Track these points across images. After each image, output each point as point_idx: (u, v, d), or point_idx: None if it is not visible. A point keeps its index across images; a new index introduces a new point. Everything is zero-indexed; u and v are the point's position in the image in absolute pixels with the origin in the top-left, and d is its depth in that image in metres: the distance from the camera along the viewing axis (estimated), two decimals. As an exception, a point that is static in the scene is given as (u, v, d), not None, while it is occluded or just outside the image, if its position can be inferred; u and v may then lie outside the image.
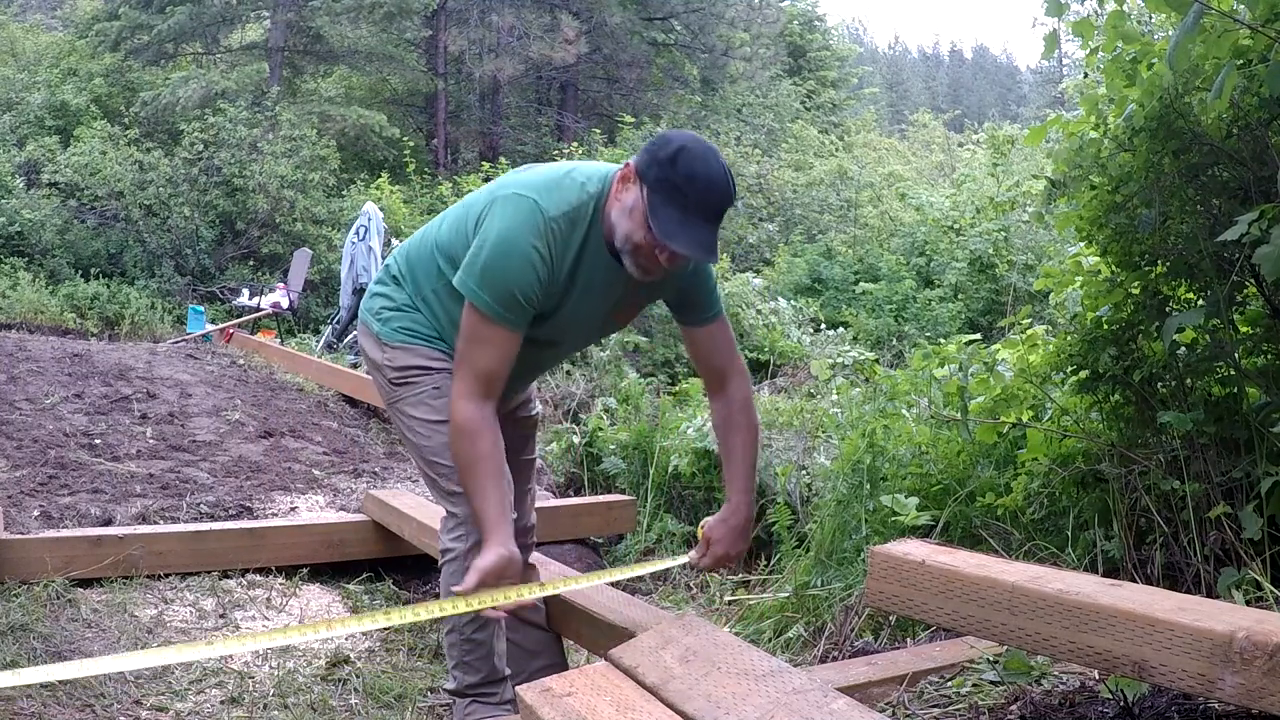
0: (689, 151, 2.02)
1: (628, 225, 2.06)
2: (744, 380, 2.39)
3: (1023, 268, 10.65)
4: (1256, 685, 1.41)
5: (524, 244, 2.06)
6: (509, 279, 2.06)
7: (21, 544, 3.15)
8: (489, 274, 2.06)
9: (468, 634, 2.33)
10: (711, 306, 2.33)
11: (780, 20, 24.48)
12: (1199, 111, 2.61)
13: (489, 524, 2.08)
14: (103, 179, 14.03)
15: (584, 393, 7.07)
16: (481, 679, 2.35)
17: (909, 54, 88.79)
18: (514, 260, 2.06)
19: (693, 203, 1.99)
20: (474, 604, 2.02)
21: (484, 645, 2.33)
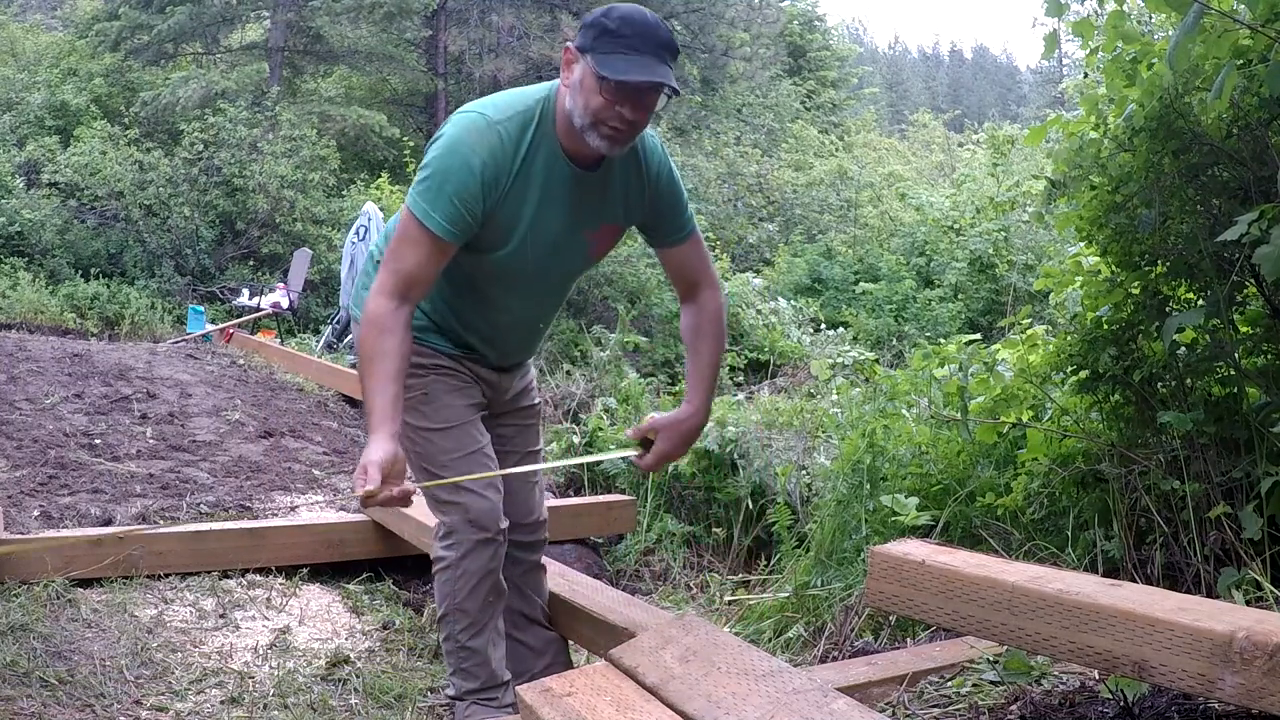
0: (616, 6, 2.02)
1: (582, 98, 2.00)
2: (716, 292, 2.36)
3: (1023, 268, 10.65)
4: (1256, 685, 1.41)
5: (464, 149, 2.02)
6: (446, 184, 2.01)
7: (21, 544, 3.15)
8: (428, 180, 2.03)
9: (463, 641, 2.33)
10: (685, 225, 2.30)
11: (780, 20, 24.47)
12: (1199, 111, 2.61)
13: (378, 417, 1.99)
14: (103, 179, 14.03)
15: (584, 393, 7.07)
16: (480, 685, 2.34)
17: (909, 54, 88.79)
18: (454, 164, 2.01)
19: (635, 41, 1.97)
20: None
21: (479, 653, 2.33)
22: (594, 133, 2.01)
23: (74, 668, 2.60)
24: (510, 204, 2.07)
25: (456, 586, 2.30)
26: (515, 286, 2.22)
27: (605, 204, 2.19)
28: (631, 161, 2.18)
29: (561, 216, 2.14)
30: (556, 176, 2.10)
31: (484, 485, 2.27)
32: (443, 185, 2.01)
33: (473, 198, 2.02)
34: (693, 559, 4.53)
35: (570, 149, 2.09)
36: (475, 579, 2.30)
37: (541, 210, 2.11)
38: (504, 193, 2.05)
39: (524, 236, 2.12)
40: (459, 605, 2.31)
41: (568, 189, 2.12)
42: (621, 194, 2.20)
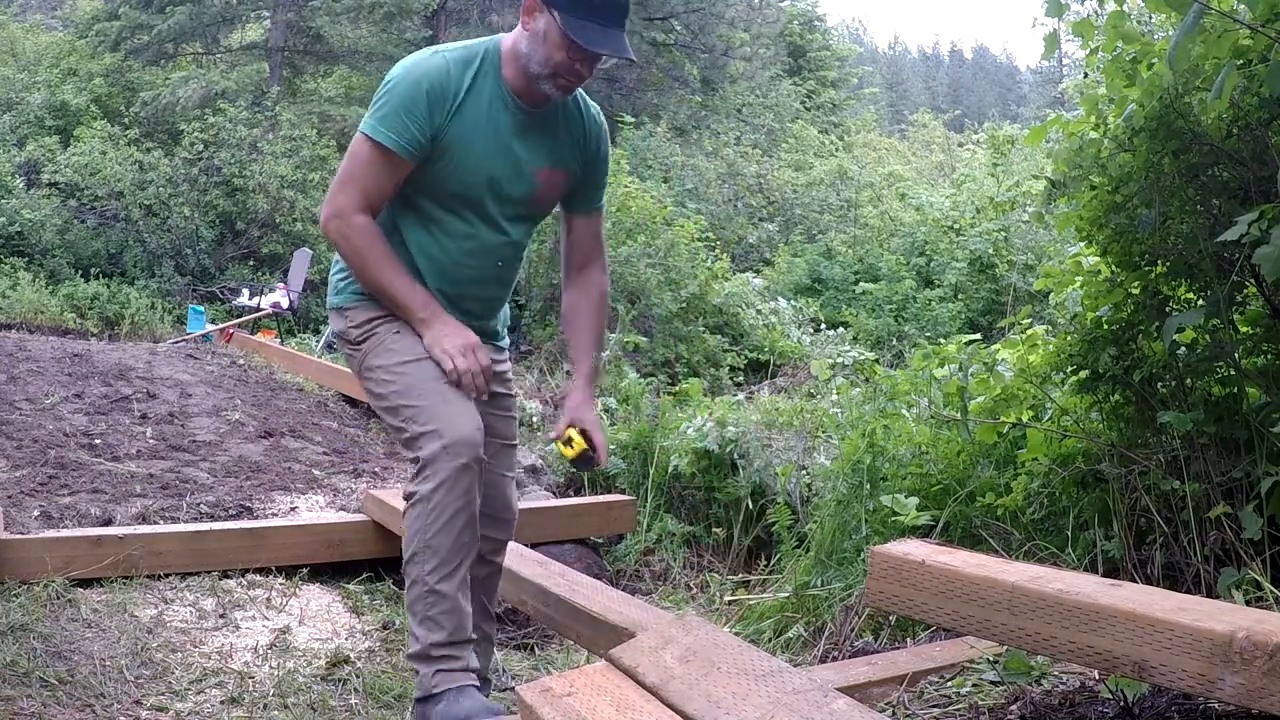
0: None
1: (544, 50, 2.16)
2: (604, 273, 2.48)
3: (1023, 268, 10.66)
4: (1256, 685, 1.41)
5: (411, 73, 2.17)
6: (395, 102, 2.14)
7: (21, 544, 3.15)
8: (379, 104, 2.16)
9: (431, 583, 2.13)
10: (600, 197, 2.45)
11: (780, 20, 24.47)
12: (1199, 111, 2.61)
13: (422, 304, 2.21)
14: (103, 179, 14.03)
15: (584, 393, 7.05)
16: (446, 637, 2.14)
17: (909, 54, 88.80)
18: (400, 86, 2.15)
19: (601, 10, 2.13)
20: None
21: (449, 598, 2.14)
22: (550, 82, 2.18)
23: (74, 668, 2.60)
24: (457, 127, 2.19)
25: (429, 520, 2.12)
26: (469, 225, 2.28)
27: (553, 147, 2.31)
28: (578, 119, 2.35)
29: (508, 145, 2.25)
30: (501, 107, 2.23)
31: (461, 410, 2.17)
32: (390, 103, 2.15)
33: (420, 114, 2.14)
34: (693, 559, 4.53)
35: (515, 88, 2.23)
36: (450, 512, 2.12)
37: (488, 135, 2.22)
38: (449, 113, 2.17)
39: (475, 164, 2.22)
40: (429, 541, 2.12)
41: (513, 121, 2.24)
42: (568, 143, 2.33)
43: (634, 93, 20.86)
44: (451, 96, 2.18)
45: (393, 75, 2.19)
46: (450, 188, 2.25)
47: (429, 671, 2.15)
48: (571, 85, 2.21)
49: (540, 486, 4.99)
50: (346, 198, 2.18)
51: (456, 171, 2.23)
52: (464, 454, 2.12)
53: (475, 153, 2.22)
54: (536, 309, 8.92)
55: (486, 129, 2.22)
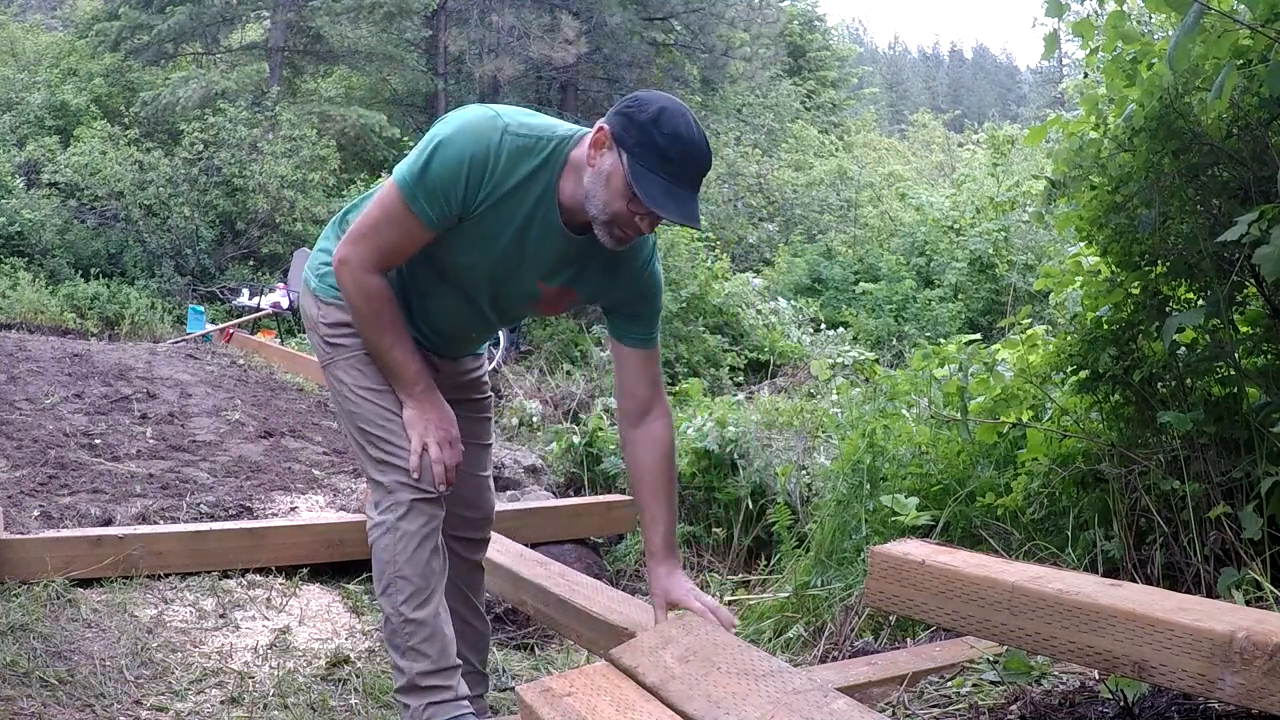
0: (669, 114, 1.92)
1: (605, 194, 1.94)
2: (668, 418, 2.23)
3: (1023, 268, 10.66)
4: (1256, 685, 1.41)
5: (463, 141, 1.95)
6: (438, 171, 1.96)
7: (21, 544, 3.15)
8: (421, 161, 1.97)
9: (406, 614, 2.08)
10: (654, 327, 2.21)
11: (780, 20, 24.47)
12: (1199, 111, 2.61)
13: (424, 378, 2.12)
14: (103, 179, 14.04)
15: (584, 393, 7.07)
16: (431, 665, 2.09)
17: (909, 54, 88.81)
18: (451, 155, 1.95)
19: (677, 168, 1.92)
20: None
21: (426, 624, 2.08)
22: (605, 230, 1.98)
23: (74, 668, 2.60)
24: (489, 219, 2.02)
25: (395, 551, 2.09)
26: (459, 296, 2.17)
27: (575, 268, 2.12)
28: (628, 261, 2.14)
29: (530, 257, 2.08)
30: (541, 219, 2.03)
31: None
32: (434, 170, 1.96)
33: (455, 195, 1.97)
34: (693, 559, 4.53)
35: (565, 206, 2.03)
36: (416, 540, 2.08)
37: (515, 241, 2.05)
38: (486, 203, 2.00)
39: (488, 257, 2.08)
40: (399, 572, 2.08)
41: (548, 237, 2.06)
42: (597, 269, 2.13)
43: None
44: (494, 185, 1.98)
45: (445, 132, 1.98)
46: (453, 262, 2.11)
47: (420, 705, 2.09)
48: (628, 238, 1.98)
49: (540, 487, 4.99)
50: (366, 252, 2.05)
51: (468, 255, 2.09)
52: (425, 485, 2.11)
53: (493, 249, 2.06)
54: (536, 309, 8.93)
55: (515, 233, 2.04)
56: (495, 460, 5.03)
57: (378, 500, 2.14)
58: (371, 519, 2.15)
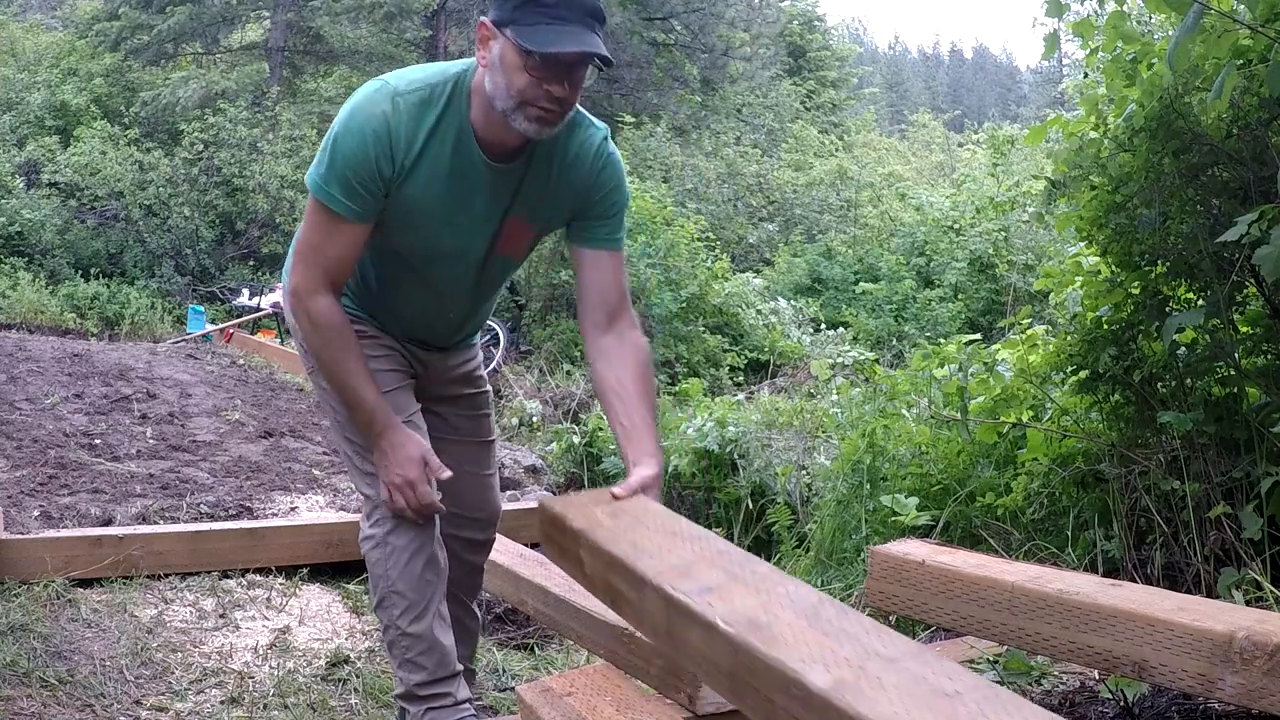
0: None
1: (503, 77, 1.79)
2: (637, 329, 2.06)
3: (1023, 268, 10.66)
4: (1256, 685, 1.41)
5: (359, 121, 1.85)
6: (341, 161, 1.86)
7: (21, 544, 3.15)
8: (327, 159, 1.87)
9: (403, 627, 2.06)
10: (618, 228, 2.06)
11: (780, 20, 24.47)
12: (1199, 111, 2.61)
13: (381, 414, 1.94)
14: (103, 179, 14.04)
15: (584, 393, 7.07)
16: (428, 676, 2.08)
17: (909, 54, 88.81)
18: (348, 140, 1.85)
19: (560, 9, 1.76)
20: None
21: (423, 638, 2.07)
22: (520, 115, 1.80)
23: (74, 668, 2.60)
24: (415, 186, 1.91)
25: (388, 567, 2.06)
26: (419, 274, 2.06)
27: (520, 196, 1.99)
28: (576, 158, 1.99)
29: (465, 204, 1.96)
30: (464, 163, 1.91)
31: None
32: (336, 161, 1.86)
33: (368, 175, 1.86)
34: (693, 559, 4.52)
35: (485, 136, 1.90)
36: (407, 554, 2.05)
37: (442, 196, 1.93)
38: (403, 171, 1.88)
39: (432, 222, 1.96)
40: (393, 588, 2.06)
41: (474, 177, 1.93)
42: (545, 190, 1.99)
43: (634, 93, 20.87)
44: (404, 153, 1.87)
45: (340, 123, 1.88)
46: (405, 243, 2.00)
47: (418, 711, 2.09)
48: (549, 114, 1.81)
49: (540, 487, 4.99)
50: (310, 274, 1.93)
51: (413, 230, 1.97)
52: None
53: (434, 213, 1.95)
54: (536, 309, 8.92)
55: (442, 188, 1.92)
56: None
57: (368, 512, 2.11)
58: (363, 531, 2.12)
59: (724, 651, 1.21)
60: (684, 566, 1.39)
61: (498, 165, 1.91)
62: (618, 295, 2.03)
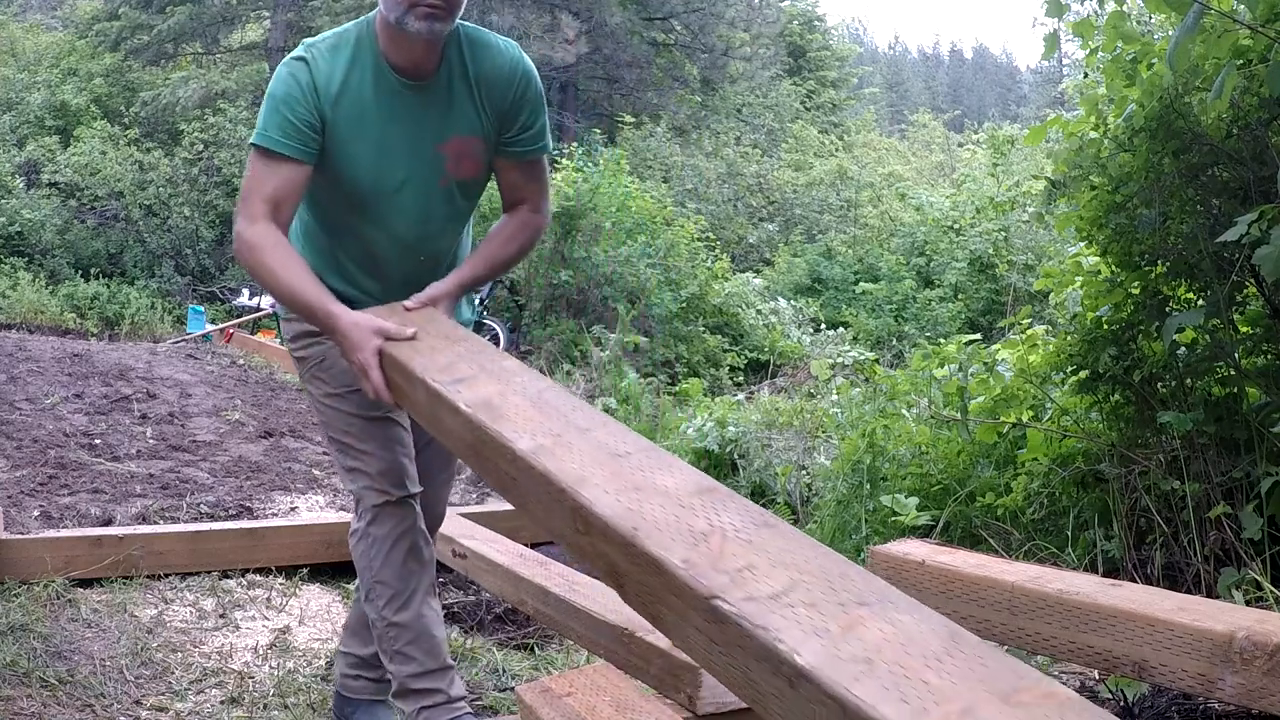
0: None
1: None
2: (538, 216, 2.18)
3: (1023, 268, 10.66)
4: (1256, 685, 1.41)
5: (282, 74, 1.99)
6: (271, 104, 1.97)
7: (21, 544, 3.15)
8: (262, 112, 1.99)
9: (389, 618, 2.10)
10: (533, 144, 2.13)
11: (780, 20, 24.47)
12: (1199, 111, 2.61)
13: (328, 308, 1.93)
14: (103, 179, 14.04)
15: (584, 393, 7.06)
16: (418, 668, 2.10)
17: (909, 54, 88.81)
18: (275, 88, 1.98)
19: None
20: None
21: (410, 627, 2.10)
22: (411, 17, 1.91)
23: (74, 668, 2.60)
24: (344, 123, 2.00)
25: (371, 557, 2.11)
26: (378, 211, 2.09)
27: (451, 116, 2.06)
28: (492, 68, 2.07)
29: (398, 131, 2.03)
30: (383, 91, 2.01)
31: (386, 444, 2.12)
32: (268, 108, 1.97)
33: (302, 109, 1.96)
34: (693, 559, 4.52)
35: (396, 61, 2.01)
36: (388, 544, 2.10)
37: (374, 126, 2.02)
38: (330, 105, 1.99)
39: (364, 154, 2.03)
40: (376, 578, 2.12)
41: (399, 103, 2.02)
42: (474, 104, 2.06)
43: (634, 93, 20.87)
44: (325, 87, 1.98)
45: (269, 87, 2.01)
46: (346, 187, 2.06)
47: (413, 710, 2.10)
48: (435, 9, 1.91)
49: (540, 486, 4.99)
50: (245, 214, 1.99)
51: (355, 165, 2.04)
52: (391, 489, 2.11)
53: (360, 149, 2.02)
54: (537, 309, 8.92)
55: (370, 120, 2.01)
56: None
57: (355, 506, 2.17)
58: (351, 527, 2.18)
59: (466, 429, 1.51)
60: (448, 364, 1.67)
61: (415, 84, 2.02)
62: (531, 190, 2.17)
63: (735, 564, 1.04)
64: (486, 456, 1.48)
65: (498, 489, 1.50)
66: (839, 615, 0.93)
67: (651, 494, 1.20)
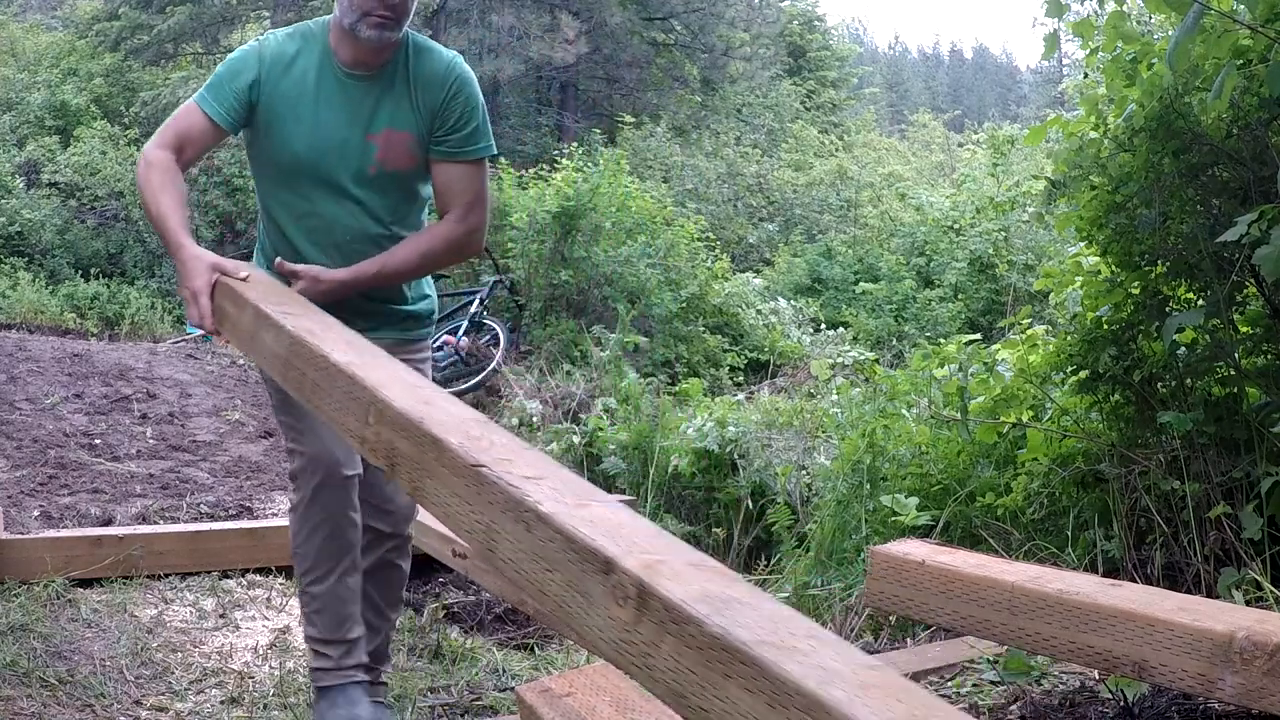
0: None
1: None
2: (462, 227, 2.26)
3: (1023, 268, 10.64)
4: (1256, 685, 1.41)
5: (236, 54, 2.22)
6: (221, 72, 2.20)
7: (21, 544, 3.15)
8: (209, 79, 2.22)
9: (304, 585, 2.33)
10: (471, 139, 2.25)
11: (780, 20, 24.46)
12: (1199, 111, 2.61)
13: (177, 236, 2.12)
14: (103, 179, 14.04)
15: (584, 393, 7.06)
16: (319, 634, 2.31)
17: (909, 54, 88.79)
18: (228, 62, 2.21)
19: None
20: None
21: (319, 598, 2.30)
22: (363, 24, 2.11)
23: (74, 668, 2.60)
24: (280, 100, 2.18)
25: (296, 529, 2.32)
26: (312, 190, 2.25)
27: (386, 108, 2.21)
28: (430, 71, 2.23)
29: (332, 115, 2.20)
30: (326, 78, 2.19)
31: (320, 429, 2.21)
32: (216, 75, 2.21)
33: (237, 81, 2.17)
34: (693, 559, 4.52)
35: (343, 57, 2.19)
36: (311, 524, 2.28)
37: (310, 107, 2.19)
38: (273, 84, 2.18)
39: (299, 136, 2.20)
40: (298, 548, 2.33)
41: (339, 90, 2.20)
42: (410, 102, 2.22)
43: (634, 93, 20.87)
44: (268, 67, 2.18)
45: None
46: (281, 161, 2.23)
47: (311, 665, 2.35)
48: (386, 19, 2.10)
49: (540, 486, 4.99)
50: (156, 138, 2.21)
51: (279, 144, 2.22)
52: (319, 471, 2.24)
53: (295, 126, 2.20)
54: (537, 309, 8.91)
55: (308, 101, 2.19)
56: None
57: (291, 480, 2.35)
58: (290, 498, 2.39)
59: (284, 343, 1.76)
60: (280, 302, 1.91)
61: (356, 74, 2.19)
62: (457, 195, 2.26)
63: (499, 454, 1.29)
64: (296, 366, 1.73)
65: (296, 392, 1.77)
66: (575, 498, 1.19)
67: (439, 408, 1.45)
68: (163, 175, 2.16)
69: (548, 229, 8.71)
